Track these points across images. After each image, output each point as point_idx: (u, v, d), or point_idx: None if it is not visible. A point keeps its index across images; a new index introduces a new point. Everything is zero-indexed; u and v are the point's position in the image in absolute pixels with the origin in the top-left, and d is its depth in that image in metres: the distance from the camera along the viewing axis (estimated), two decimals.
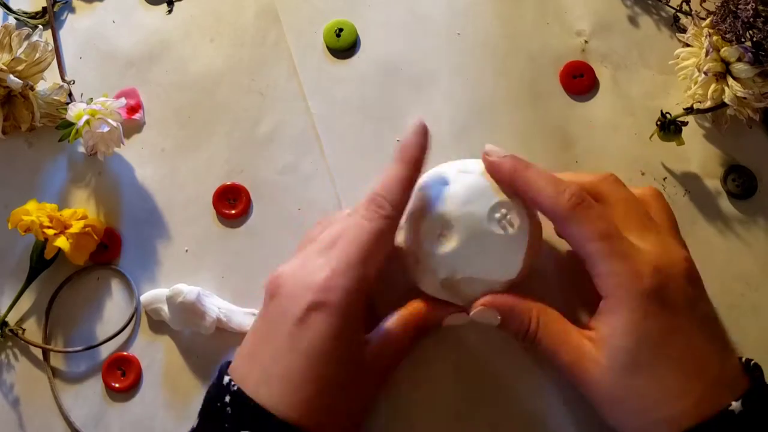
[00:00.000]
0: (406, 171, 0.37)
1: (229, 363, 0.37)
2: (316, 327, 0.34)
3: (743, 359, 0.36)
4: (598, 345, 0.35)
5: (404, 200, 0.37)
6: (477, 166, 0.39)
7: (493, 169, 0.38)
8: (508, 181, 0.38)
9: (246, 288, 0.44)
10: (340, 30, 0.49)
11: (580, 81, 0.47)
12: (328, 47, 0.49)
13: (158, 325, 0.44)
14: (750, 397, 0.33)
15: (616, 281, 0.35)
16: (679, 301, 0.35)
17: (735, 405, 0.32)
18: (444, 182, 0.39)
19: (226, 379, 0.35)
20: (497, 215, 0.37)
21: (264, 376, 0.34)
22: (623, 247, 0.35)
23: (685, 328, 0.34)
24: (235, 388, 0.34)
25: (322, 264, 0.35)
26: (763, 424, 0.33)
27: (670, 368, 0.34)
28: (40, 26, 0.49)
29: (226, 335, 0.43)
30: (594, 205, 0.36)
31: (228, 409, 0.34)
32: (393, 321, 0.39)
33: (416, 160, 0.37)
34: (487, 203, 0.37)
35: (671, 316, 0.34)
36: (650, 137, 0.45)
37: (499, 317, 0.38)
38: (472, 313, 0.38)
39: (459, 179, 0.38)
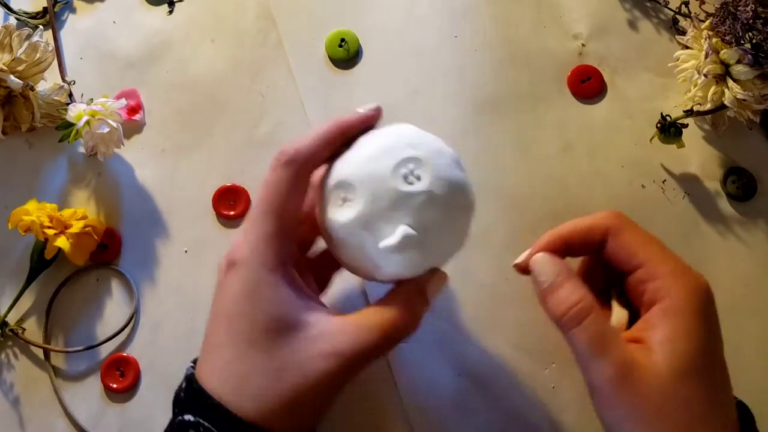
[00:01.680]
0: (326, 129, 0.34)
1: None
2: (226, 287, 0.33)
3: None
4: (656, 349, 0.31)
5: (312, 148, 0.34)
6: (389, 128, 0.36)
7: (537, 249, 0.35)
8: (552, 248, 0.35)
9: None
10: (343, 41, 0.49)
11: (588, 84, 0.47)
12: (330, 58, 0.49)
13: (158, 325, 0.44)
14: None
15: (680, 282, 0.32)
16: (716, 322, 0.33)
17: None
18: (358, 144, 0.35)
19: (188, 365, 0.34)
20: (403, 170, 0.33)
21: (204, 354, 0.33)
22: (673, 253, 0.34)
23: (721, 340, 0.33)
24: (190, 372, 0.33)
25: (240, 229, 0.34)
26: None
27: (717, 379, 0.32)
28: (41, 26, 0.49)
29: None
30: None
31: (182, 393, 0.33)
32: (359, 311, 0.34)
33: (341, 123, 0.35)
34: (394, 159, 0.33)
35: (716, 326, 0.32)
36: (650, 140, 0.45)
37: (552, 280, 0.33)
38: (532, 259, 0.34)
39: (367, 142, 0.35)
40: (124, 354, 0.44)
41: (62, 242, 0.42)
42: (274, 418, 0.31)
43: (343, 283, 0.43)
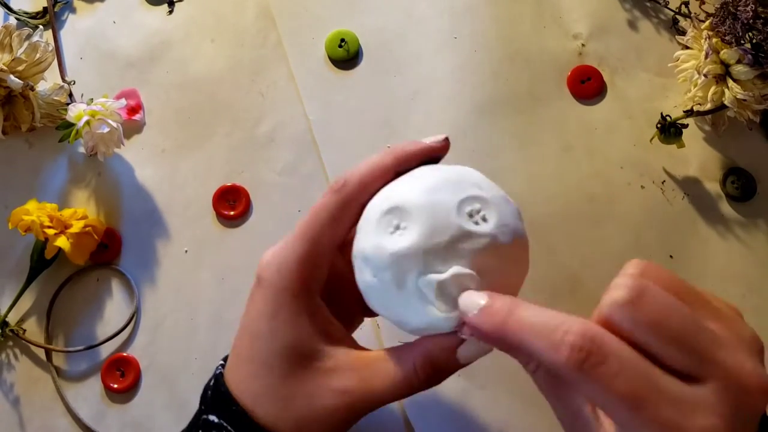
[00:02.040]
0: (381, 157, 0.32)
1: None
2: (252, 302, 0.32)
3: None
4: None
5: (364, 178, 0.32)
6: (453, 167, 0.32)
7: (474, 330, 0.28)
8: (496, 337, 0.27)
9: (246, 289, 0.44)
10: (343, 41, 0.49)
11: (588, 85, 0.47)
12: (330, 58, 0.49)
13: (158, 325, 0.44)
14: None
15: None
16: None
17: None
18: (409, 178, 0.32)
19: (219, 363, 0.34)
20: (468, 208, 0.29)
21: (233, 359, 0.33)
22: (664, 414, 0.23)
23: None
24: (219, 371, 0.33)
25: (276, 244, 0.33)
26: None
27: None
28: (41, 26, 0.49)
29: (226, 336, 0.43)
30: (608, 354, 0.24)
31: (209, 392, 0.33)
32: (379, 352, 0.32)
33: (398, 153, 0.33)
34: (458, 195, 0.30)
35: None
36: (650, 140, 0.45)
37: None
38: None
39: (428, 174, 0.31)
40: (125, 354, 0.44)
41: (62, 242, 0.42)
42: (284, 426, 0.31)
43: None
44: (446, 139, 0.33)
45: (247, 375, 0.32)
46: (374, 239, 0.30)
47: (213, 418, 0.31)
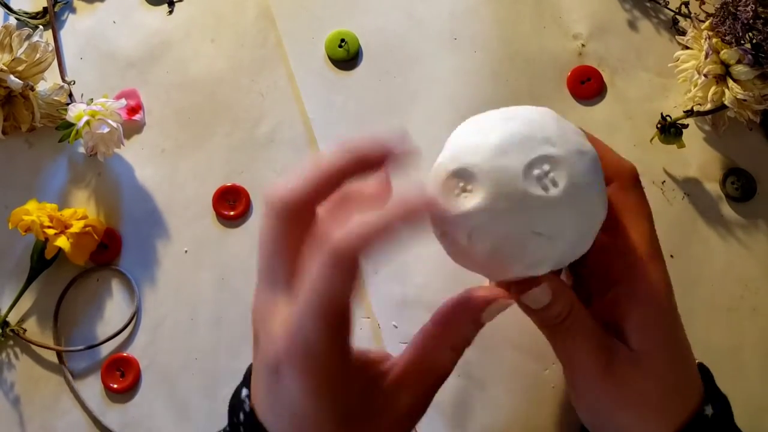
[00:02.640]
0: (392, 218, 0.27)
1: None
2: (289, 388, 0.29)
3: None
4: (631, 336, 0.32)
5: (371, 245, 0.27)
6: (525, 112, 0.31)
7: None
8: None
9: (246, 289, 0.44)
10: (343, 41, 0.49)
11: (588, 85, 0.47)
12: (330, 58, 0.49)
13: (158, 325, 0.44)
14: (713, 399, 0.33)
15: (660, 269, 0.33)
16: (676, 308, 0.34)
17: (708, 410, 0.32)
18: (480, 128, 0.31)
19: (244, 392, 0.32)
20: (536, 171, 0.29)
21: (266, 407, 0.31)
22: (652, 233, 0.34)
23: (680, 326, 0.34)
24: (248, 408, 0.31)
25: (282, 316, 0.29)
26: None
27: (683, 350, 0.34)
28: (41, 26, 0.49)
29: (226, 336, 0.44)
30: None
31: (242, 428, 0.32)
32: (410, 353, 0.32)
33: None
34: (526, 156, 0.29)
35: (677, 317, 0.34)
36: (650, 140, 0.46)
37: (550, 297, 0.32)
38: (527, 294, 0.31)
39: (498, 126, 0.30)
40: (125, 354, 0.44)
41: (62, 242, 0.42)
42: None
43: None
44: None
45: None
46: (443, 203, 0.30)
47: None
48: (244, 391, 0.32)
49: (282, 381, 0.29)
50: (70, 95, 0.48)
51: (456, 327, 0.32)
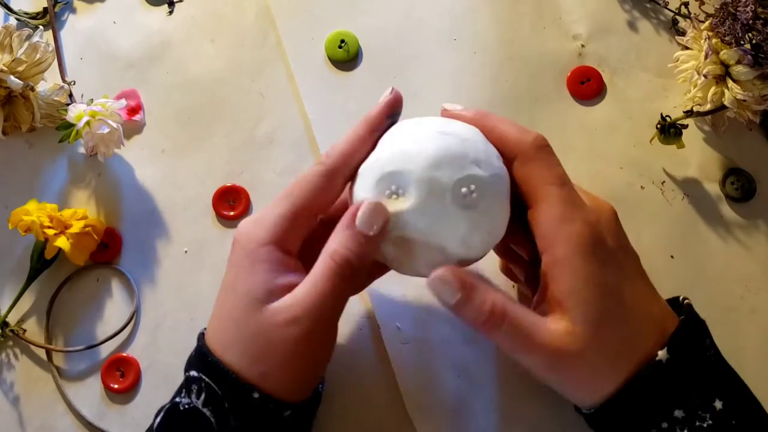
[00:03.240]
0: (356, 129, 0.36)
1: None
2: (229, 259, 0.35)
3: (681, 298, 0.37)
4: (565, 312, 0.33)
5: (344, 150, 0.36)
6: (459, 129, 0.35)
7: (458, 116, 0.36)
8: (473, 121, 0.36)
9: None
10: (343, 41, 0.49)
11: (588, 86, 0.47)
12: (330, 59, 0.49)
13: (158, 325, 0.44)
14: (676, 342, 0.34)
15: (570, 229, 0.33)
16: (620, 249, 0.35)
17: (661, 353, 0.33)
18: (416, 138, 0.34)
19: (203, 328, 0.37)
20: (463, 189, 0.33)
21: (211, 315, 0.36)
22: (575, 197, 0.35)
23: (629, 275, 0.35)
24: (201, 331, 0.36)
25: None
26: (689, 367, 0.34)
27: (628, 317, 0.34)
28: (41, 27, 0.49)
29: None
30: (553, 151, 0.36)
31: (193, 353, 0.36)
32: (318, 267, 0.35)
33: (369, 120, 0.36)
34: (457, 173, 0.33)
35: (618, 263, 0.35)
36: (650, 140, 0.46)
37: (459, 295, 0.33)
38: (429, 279, 0.33)
39: (434, 139, 0.34)
40: (125, 354, 0.44)
41: (62, 242, 0.42)
42: (258, 379, 0.33)
43: None
44: (392, 90, 0.37)
45: (217, 329, 0.35)
46: (372, 197, 0.34)
47: (193, 372, 0.34)
48: (201, 329, 0.37)
49: (228, 263, 0.35)
50: (70, 95, 0.48)
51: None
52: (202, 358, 0.34)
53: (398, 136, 0.35)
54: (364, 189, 0.34)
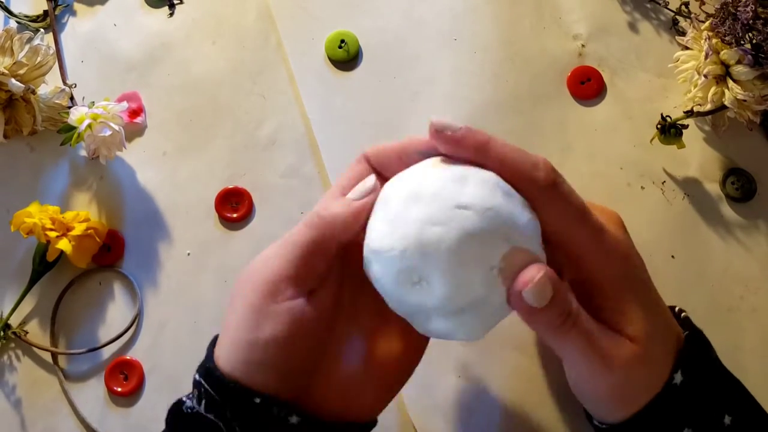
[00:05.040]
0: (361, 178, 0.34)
1: None
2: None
3: (677, 309, 0.37)
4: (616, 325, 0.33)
5: (348, 218, 0.33)
6: (481, 191, 0.30)
7: (459, 145, 0.32)
8: (471, 156, 0.32)
9: None
10: (343, 42, 0.49)
11: (588, 86, 0.47)
12: (330, 59, 0.49)
13: (161, 328, 0.44)
14: (688, 363, 0.33)
15: (606, 260, 0.33)
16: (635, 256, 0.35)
17: (677, 377, 0.33)
18: (433, 219, 0.30)
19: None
20: (495, 269, 0.30)
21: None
22: (600, 222, 0.33)
23: (650, 285, 0.35)
24: (213, 338, 0.35)
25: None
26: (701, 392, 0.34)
27: (664, 331, 0.34)
28: (42, 30, 0.49)
29: None
30: (563, 178, 0.33)
31: (202, 380, 0.34)
32: None
33: (379, 163, 0.34)
34: (485, 264, 0.30)
35: (643, 277, 0.35)
36: (651, 141, 0.46)
37: (550, 295, 0.31)
38: (526, 290, 0.30)
39: (454, 220, 0.29)
40: (128, 357, 0.44)
41: (64, 244, 0.42)
42: (252, 376, 0.32)
43: None
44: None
45: (222, 331, 0.34)
46: (395, 290, 0.31)
47: (196, 376, 0.34)
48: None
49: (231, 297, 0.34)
50: (72, 98, 0.48)
51: None
52: (203, 361, 0.34)
53: (413, 212, 0.30)
54: (384, 276, 0.31)
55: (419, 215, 0.30)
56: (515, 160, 0.32)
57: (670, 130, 0.44)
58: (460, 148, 0.32)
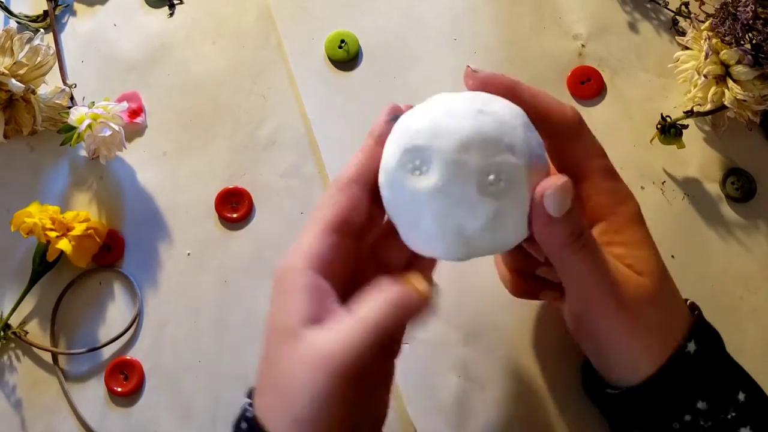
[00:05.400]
0: (364, 142, 0.34)
1: None
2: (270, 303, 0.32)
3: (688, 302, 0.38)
4: (635, 264, 0.34)
5: (355, 161, 0.33)
6: (499, 108, 0.32)
7: (487, 82, 0.33)
8: (505, 93, 0.33)
9: (249, 292, 0.45)
10: (343, 42, 0.49)
11: (588, 86, 0.48)
12: (330, 59, 0.49)
13: (161, 328, 0.44)
14: (701, 335, 0.34)
15: (624, 199, 0.35)
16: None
17: (690, 345, 0.34)
18: (452, 113, 0.31)
19: (247, 401, 0.32)
20: (491, 177, 0.30)
21: (267, 401, 0.31)
22: (614, 169, 0.36)
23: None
24: (251, 414, 0.31)
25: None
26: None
27: (671, 280, 0.35)
28: (42, 30, 0.49)
29: (229, 338, 0.44)
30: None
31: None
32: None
33: (375, 129, 0.34)
34: (487, 159, 0.30)
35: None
36: (651, 141, 0.46)
37: (570, 204, 0.30)
38: (548, 192, 0.30)
39: (470, 118, 0.31)
40: (128, 357, 0.44)
41: (64, 244, 0.42)
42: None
43: None
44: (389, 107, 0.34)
45: (258, 380, 0.32)
46: (395, 173, 0.31)
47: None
48: (246, 401, 0.32)
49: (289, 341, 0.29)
50: (72, 98, 0.48)
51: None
52: (240, 417, 0.32)
53: (434, 108, 0.32)
54: (389, 156, 0.32)
55: (440, 110, 0.32)
56: (547, 96, 0.34)
57: (670, 130, 0.44)
58: (492, 86, 0.33)
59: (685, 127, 0.44)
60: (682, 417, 0.33)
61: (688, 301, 0.37)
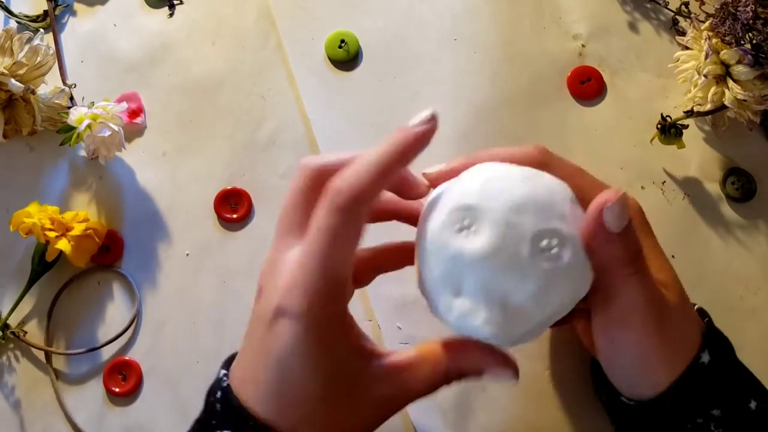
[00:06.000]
0: (380, 155, 0.30)
1: (234, 355, 0.34)
2: (281, 336, 0.30)
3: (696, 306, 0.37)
4: (674, 304, 0.34)
5: (368, 185, 0.29)
6: (548, 180, 0.31)
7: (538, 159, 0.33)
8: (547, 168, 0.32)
9: (247, 292, 0.44)
10: (343, 42, 0.49)
11: (588, 86, 0.47)
12: (330, 59, 0.49)
13: (159, 328, 0.44)
14: (714, 344, 0.34)
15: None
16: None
17: (704, 356, 0.33)
18: (504, 177, 0.31)
19: (222, 372, 0.33)
20: (544, 242, 0.29)
21: (247, 376, 0.32)
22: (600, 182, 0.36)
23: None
24: (225, 384, 0.32)
25: (290, 260, 0.31)
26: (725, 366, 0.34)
27: (686, 297, 0.35)
28: (42, 30, 0.49)
29: (228, 339, 0.44)
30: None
31: (218, 405, 0.32)
32: (410, 355, 0.32)
33: (400, 147, 0.30)
34: (540, 224, 0.29)
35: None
36: (651, 141, 0.46)
37: (628, 217, 0.30)
38: (609, 205, 0.29)
39: (520, 184, 0.30)
40: (126, 357, 0.44)
41: (63, 244, 0.42)
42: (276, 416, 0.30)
43: None
44: (433, 117, 0.30)
45: (281, 406, 0.31)
46: (439, 233, 0.30)
47: (215, 401, 0.32)
48: (222, 372, 0.33)
49: (274, 331, 0.30)
50: (71, 98, 0.48)
51: (462, 360, 0.32)
52: (237, 416, 0.31)
53: (483, 172, 0.31)
54: (434, 214, 0.31)
55: (490, 173, 0.31)
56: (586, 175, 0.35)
57: (670, 130, 0.44)
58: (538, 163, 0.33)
59: (685, 127, 0.44)
60: (695, 420, 0.33)
61: (696, 306, 0.37)
